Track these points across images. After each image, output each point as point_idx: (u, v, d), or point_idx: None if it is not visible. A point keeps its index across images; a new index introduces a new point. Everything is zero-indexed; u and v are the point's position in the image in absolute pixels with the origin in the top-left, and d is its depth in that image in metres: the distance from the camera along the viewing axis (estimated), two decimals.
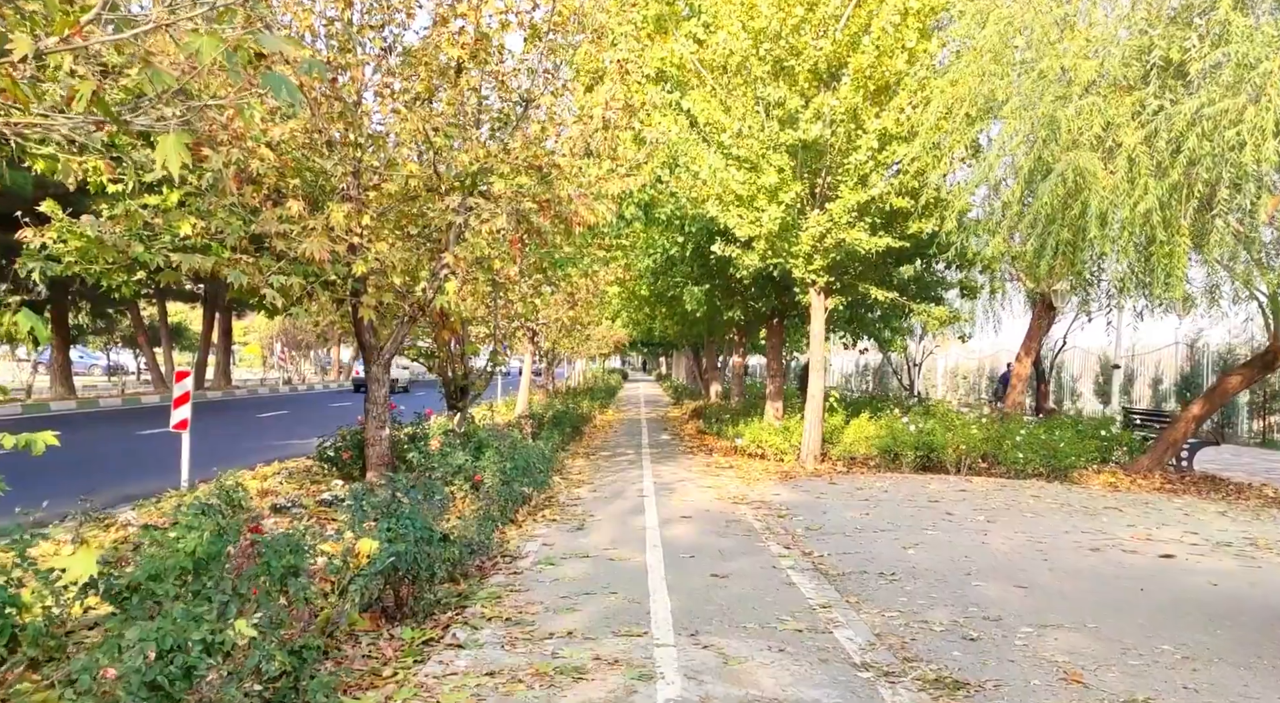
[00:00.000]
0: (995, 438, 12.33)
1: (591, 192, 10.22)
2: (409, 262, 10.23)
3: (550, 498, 10.41)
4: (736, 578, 6.61)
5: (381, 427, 10.80)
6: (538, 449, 11.45)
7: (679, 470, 13.26)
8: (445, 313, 12.48)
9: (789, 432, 14.44)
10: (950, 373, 38.42)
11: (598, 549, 7.58)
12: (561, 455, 14.72)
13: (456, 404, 13.64)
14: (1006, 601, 5.96)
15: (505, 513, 8.92)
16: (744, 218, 12.38)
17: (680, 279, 16.74)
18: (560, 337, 27.42)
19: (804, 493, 10.89)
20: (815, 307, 13.57)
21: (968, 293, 16.40)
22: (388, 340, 11.09)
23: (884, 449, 12.80)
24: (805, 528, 8.65)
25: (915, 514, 9.31)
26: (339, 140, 9.62)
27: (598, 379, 45.49)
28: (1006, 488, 11.23)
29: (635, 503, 10.07)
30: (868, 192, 11.79)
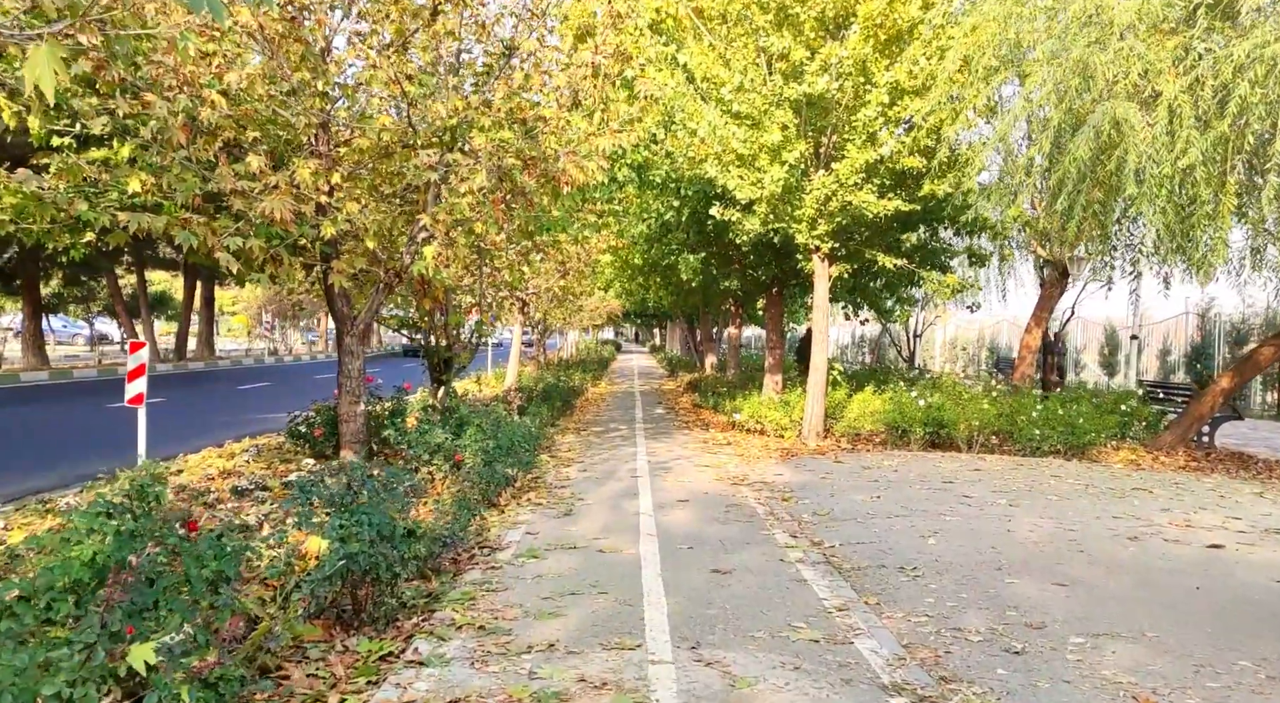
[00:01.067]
0: (1009, 414, 11.65)
1: (581, 149, 9.44)
2: (383, 224, 9.44)
3: (537, 478, 9.71)
4: (741, 574, 5.92)
5: (356, 402, 10.08)
6: (524, 427, 10.73)
7: (674, 448, 12.57)
8: (426, 280, 11.72)
9: (790, 406, 13.75)
10: (949, 344, 37.77)
11: (586, 539, 6.88)
12: (551, 431, 14.02)
13: (440, 377, 12.92)
14: (1047, 602, 5.28)
15: (487, 496, 8.22)
16: (745, 179, 11.58)
17: (676, 247, 15.95)
18: (551, 307, 26.67)
19: (808, 473, 10.21)
20: (819, 274, 12.82)
21: (976, 261, 15.63)
22: (363, 309, 10.34)
23: (891, 425, 12.11)
24: (812, 514, 7.97)
25: (930, 497, 8.63)
26: (305, 90, 8.77)
27: (590, 351, 44.79)
28: (1023, 467, 10.56)
29: (628, 485, 9.38)
30: (877, 150, 11.00)
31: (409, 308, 13.26)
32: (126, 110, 7.30)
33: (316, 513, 4.76)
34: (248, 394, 20.83)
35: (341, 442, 10.02)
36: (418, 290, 12.29)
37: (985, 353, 35.02)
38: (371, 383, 11.67)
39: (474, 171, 8.50)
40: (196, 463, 9.95)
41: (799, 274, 15.89)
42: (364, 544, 4.35)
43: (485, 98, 9.16)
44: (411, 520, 5.81)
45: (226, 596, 3.59)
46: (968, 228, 14.29)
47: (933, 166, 11.51)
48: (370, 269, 10.15)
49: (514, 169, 9.24)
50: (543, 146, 9.31)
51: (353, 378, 10.05)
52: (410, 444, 9.19)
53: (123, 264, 28.56)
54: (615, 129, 9.57)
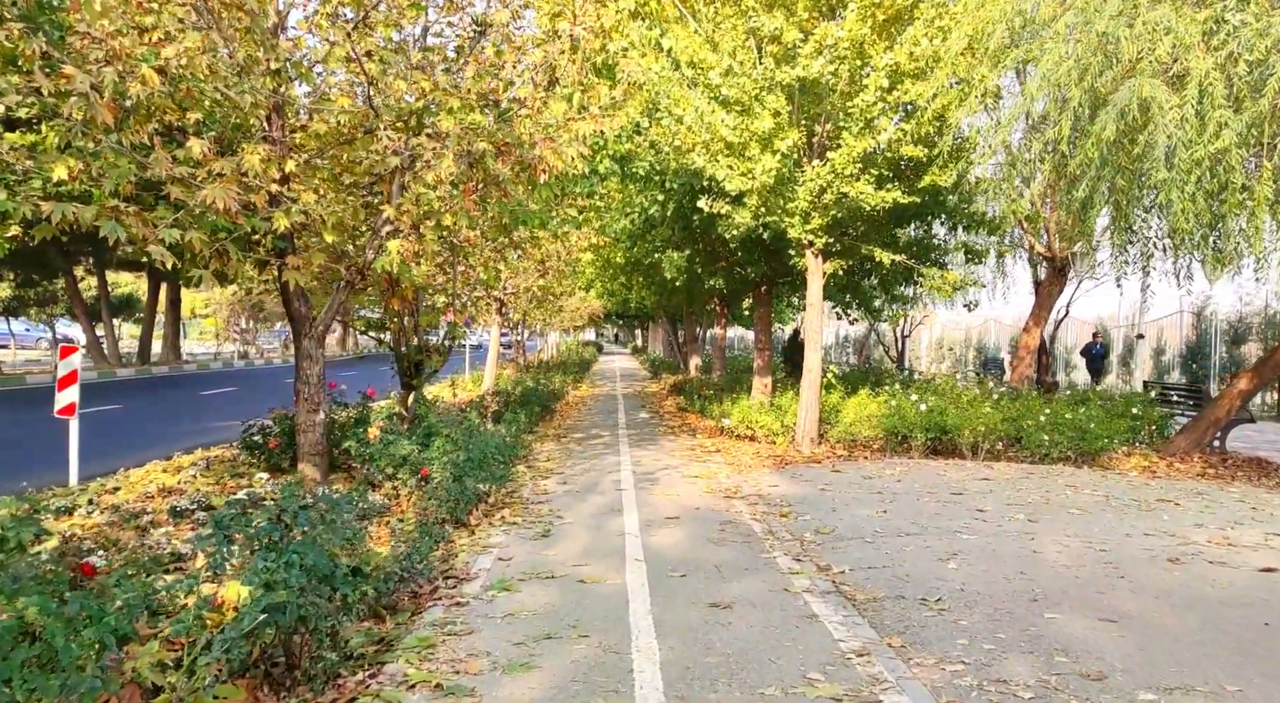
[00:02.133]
0: (1015, 418, 10.98)
1: (559, 135, 8.69)
2: (343, 216, 8.63)
3: (512, 493, 8.93)
4: (743, 609, 5.17)
5: (315, 410, 9.27)
6: (498, 436, 9.94)
7: (661, 456, 11.81)
8: (394, 279, 10.93)
9: (781, 411, 13.04)
10: (936, 345, 37.26)
11: (566, 566, 6.11)
12: (529, 438, 13.24)
13: (410, 382, 12.10)
14: (1100, 644, 4.56)
15: (455, 515, 7.44)
16: (734, 169, 10.85)
17: (660, 243, 15.19)
18: (530, 308, 25.88)
19: (805, 484, 9.48)
20: (812, 271, 12.11)
21: (973, 257, 14.98)
22: (323, 310, 9.53)
23: (890, 431, 11.41)
24: (815, 532, 7.23)
25: (940, 512, 7.92)
26: (255, 68, 7.94)
27: (571, 352, 43.99)
28: (1034, 475, 9.88)
29: (612, 499, 8.61)
30: (876, 138, 10.29)
31: (377, 308, 12.44)
32: (49, 88, 6.47)
33: (244, 549, 3.97)
34: (210, 400, 19.89)
35: (299, 454, 9.21)
36: (385, 290, 11.51)
37: (972, 353, 34.53)
38: (334, 389, 10.88)
39: (440, 156, 7.73)
40: (139, 479, 9.11)
41: (790, 272, 15.19)
42: (293, 592, 3.56)
43: (454, 79, 8.40)
44: (363, 553, 5.03)
45: (97, 669, 2.80)
46: (965, 223, 13.64)
47: (934, 156, 10.83)
48: (330, 266, 9.36)
49: (486, 155, 8.48)
50: (517, 131, 8.56)
51: (311, 384, 9.24)
52: (372, 457, 8.40)
53: (83, 264, 27.44)
54: (597, 114, 8.82)
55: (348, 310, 13.23)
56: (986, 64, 8.64)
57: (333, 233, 8.39)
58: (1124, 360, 24.17)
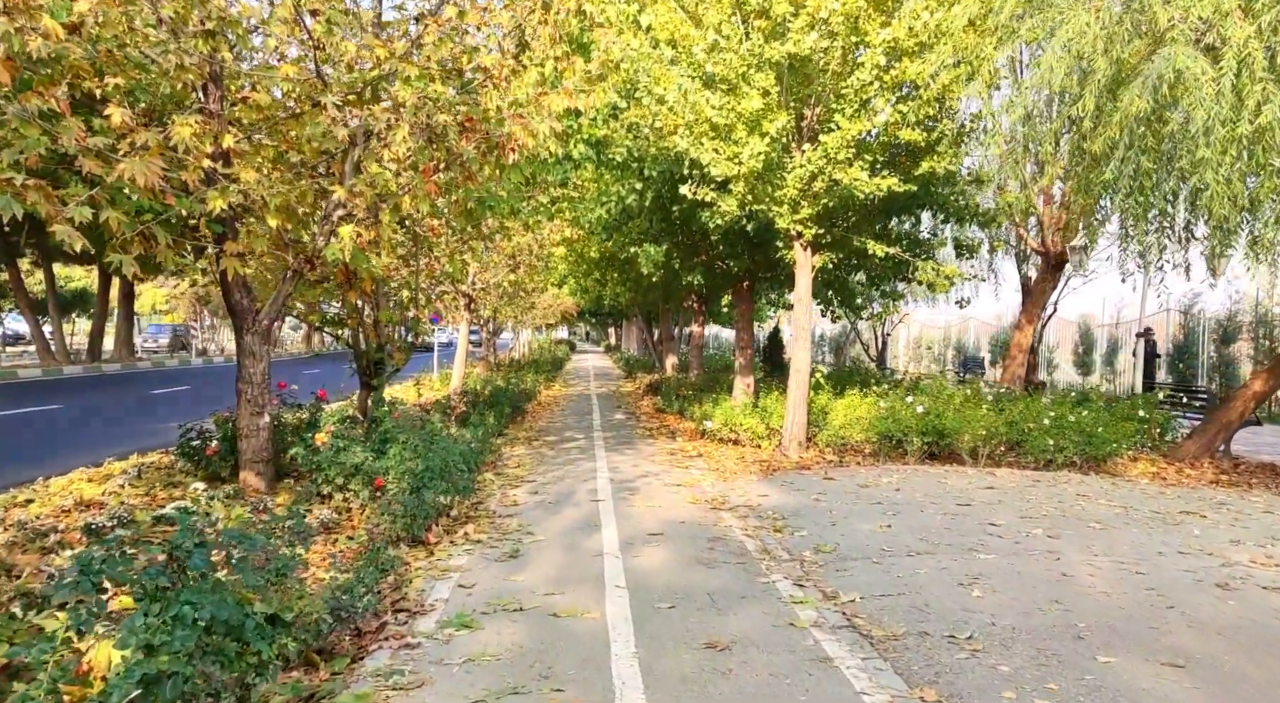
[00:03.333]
0: (1017, 421, 10.31)
1: (530, 111, 7.89)
2: (289, 198, 7.75)
3: (478, 505, 8.10)
4: (744, 650, 4.40)
5: (259, 414, 8.40)
6: (463, 442, 9.11)
7: (639, 461, 11.03)
8: (350, 270, 10.05)
9: (766, 413, 12.30)
10: (914, 344, 36.80)
11: (537, 595, 5.31)
12: (498, 442, 12.41)
13: (370, 381, 11.23)
14: (1171, 696, 3.84)
15: (412, 532, 6.60)
16: (720, 153, 10.09)
17: (637, 236, 14.38)
18: (501, 304, 24.99)
19: (797, 493, 8.74)
20: (800, 264, 11.37)
21: (964, 251, 14.35)
22: (268, 302, 8.66)
23: (883, 435, 10.70)
24: (815, 550, 6.48)
25: (949, 525, 7.20)
26: (186, 29, 7.04)
27: (544, 350, 43.11)
28: (1041, 483, 9.21)
29: (588, 512, 7.81)
30: (872, 120, 9.57)
31: (334, 302, 11.55)
32: None
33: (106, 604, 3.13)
34: (161, 399, 18.82)
35: (240, 462, 8.34)
36: (342, 282, 10.63)
37: (951, 353, 34.08)
38: (284, 390, 10.00)
39: (395, 128, 6.90)
40: (59, 489, 8.17)
41: (774, 266, 14.48)
42: (180, 659, 2.73)
43: (412, 44, 7.57)
44: (294, 588, 4.20)
45: None
46: (958, 215, 12.96)
47: (933, 141, 10.14)
48: (277, 254, 8.49)
49: (448, 130, 7.65)
50: (484, 105, 7.74)
51: (254, 384, 8.38)
52: (320, 466, 7.54)
53: (28, 257, 26.12)
54: (571, 89, 8.02)
55: (313, 305, 12.33)
56: (997, 37, 7.92)
57: (276, 216, 7.52)
58: (1108, 360, 23.72)
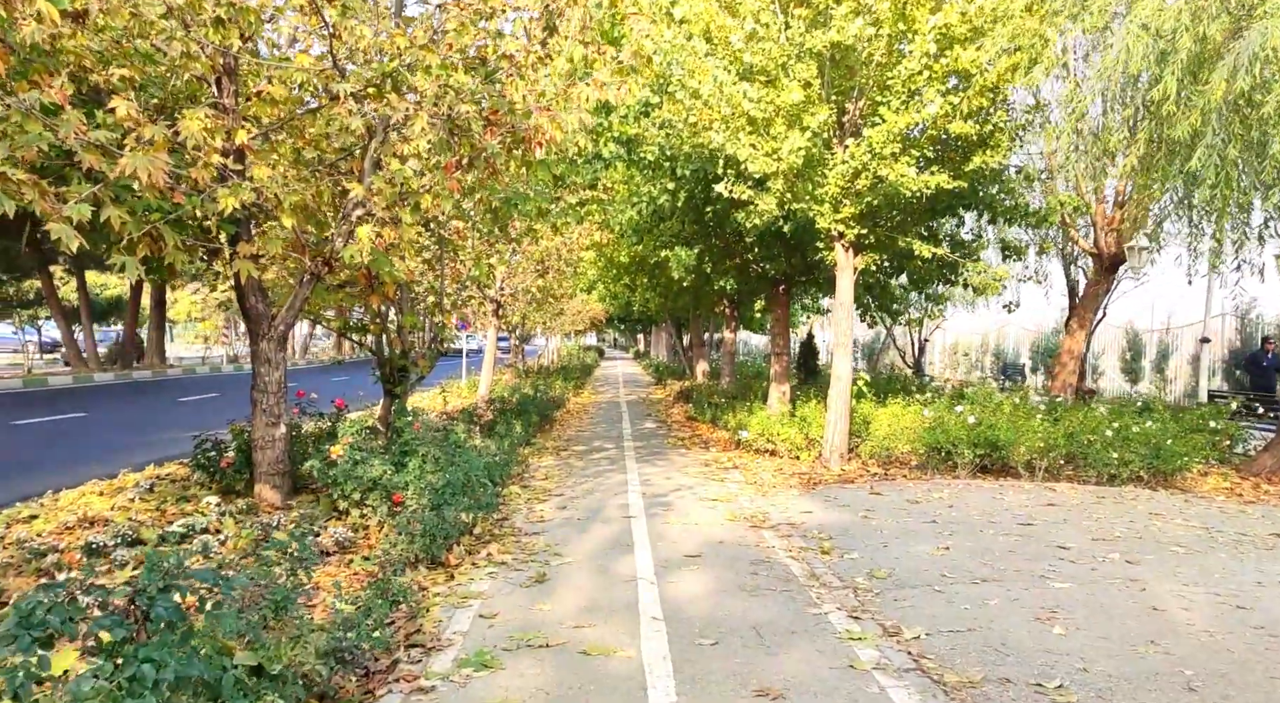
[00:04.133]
0: (1077, 433, 9.65)
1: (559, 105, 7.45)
2: (304, 196, 7.34)
3: (503, 521, 7.63)
4: (799, 699, 3.86)
5: (275, 423, 8.02)
6: (488, 454, 8.64)
7: (672, 473, 10.50)
8: (372, 274, 9.66)
9: (806, 423, 11.72)
10: (950, 350, 35.92)
11: (565, 627, 4.81)
12: (525, 451, 11.94)
13: (393, 389, 10.83)
14: None
15: (432, 552, 6.13)
16: (758, 149, 9.56)
17: (668, 238, 13.87)
18: (530, 310, 24.59)
19: (843, 510, 8.18)
20: (842, 267, 10.81)
21: (1010, 253, 13.69)
22: (284, 307, 8.28)
23: (931, 447, 10.08)
24: (868, 576, 5.92)
25: (1014, 548, 6.61)
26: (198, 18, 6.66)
27: (573, 357, 42.73)
28: (1106, 500, 8.57)
29: (619, 529, 7.30)
30: (921, 112, 9.00)
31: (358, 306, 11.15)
32: None
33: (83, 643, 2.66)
34: (188, 407, 18.60)
35: (256, 474, 7.96)
36: (364, 286, 10.24)
37: (990, 359, 33.20)
38: (303, 398, 9.61)
39: (413, 118, 6.46)
40: (68, 502, 7.81)
41: (810, 269, 13.92)
42: None
43: (433, 32, 7.14)
44: (291, 629, 3.73)
45: None
46: (1006, 215, 12.30)
47: (985, 134, 9.55)
48: (294, 256, 8.10)
49: (471, 122, 7.21)
50: (509, 96, 7.30)
51: (270, 393, 7.99)
52: (336, 480, 7.09)
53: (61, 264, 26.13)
54: (602, 80, 7.55)
55: (339, 310, 11.97)
56: (1063, 16, 7.33)
57: (292, 216, 7.11)
58: (1158, 367, 22.81)
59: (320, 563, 6.11)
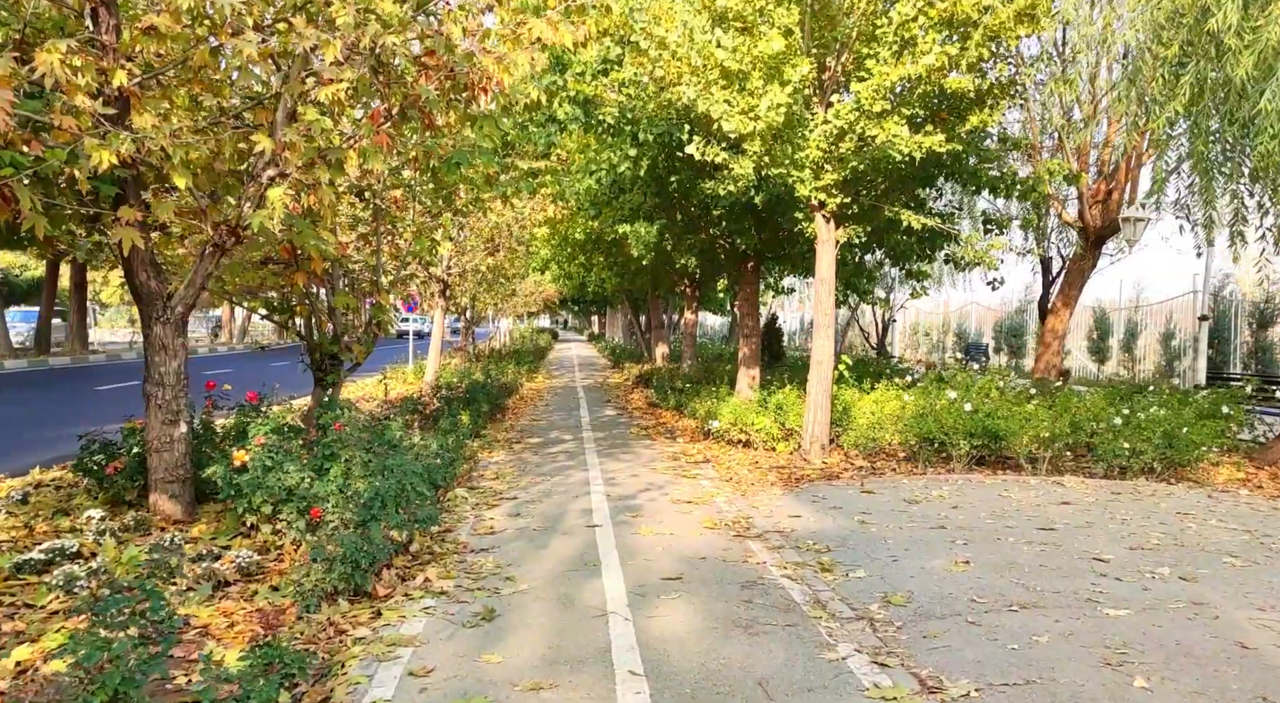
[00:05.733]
0: (1083, 421, 8.80)
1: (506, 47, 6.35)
2: (201, 153, 6.11)
3: (445, 534, 6.52)
4: None
5: (173, 422, 6.83)
6: (427, 454, 7.50)
7: (639, 469, 9.46)
8: (296, 248, 8.45)
9: (782, 411, 10.76)
10: (911, 330, 35.43)
11: (518, 690, 3.74)
12: (475, 445, 10.80)
13: (325, 379, 9.62)
14: None
15: (356, 581, 5.01)
16: (733, 105, 8.50)
17: (628, 213, 12.77)
18: (480, 290, 23.33)
19: (835, 513, 7.22)
20: (823, 239, 9.82)
21: (994, 226, 12.84)
22: (183, 284, 7.04)
23: (924, 437, 9.17)
24: (883, 602, 4.94)
25: (1043, 560, 5.70)
26: None
27: (525, 340, 41.47)
28: (1123, 496, 7.74)
29: (583, 543, 6.24)
30: (917, 63, 8.00)
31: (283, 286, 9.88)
32: None
33: None
34: (105, 397, 17.07)
35: (151, 482, 6.76)
36: (288, 261, 9.02)
37: (951, 339, 32.73)
38: (214, 390, 8.37)
39: (326, 48, 5.29)
40: None
41: (783, 244, 12.93)
42: None
43: None
44: None
45: None
46: (991, 185, 11.40)
47: (984, 91, 8.62)
48: (182, 222, 6.87)
49: (399, 58, 6.05)
50: (446, 33, 6.17)
51: (167, 386, 6.79)
52: (241, 490, 5.92)
53: None
54: (555, 18, 6.45)
55: (255, 289, 10.67)
56: None
57: (185, 175, 5.92)
58: (1126, 346, 22.36)
59: (216, 596, 4.97)
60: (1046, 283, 17.31)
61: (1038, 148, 13.47)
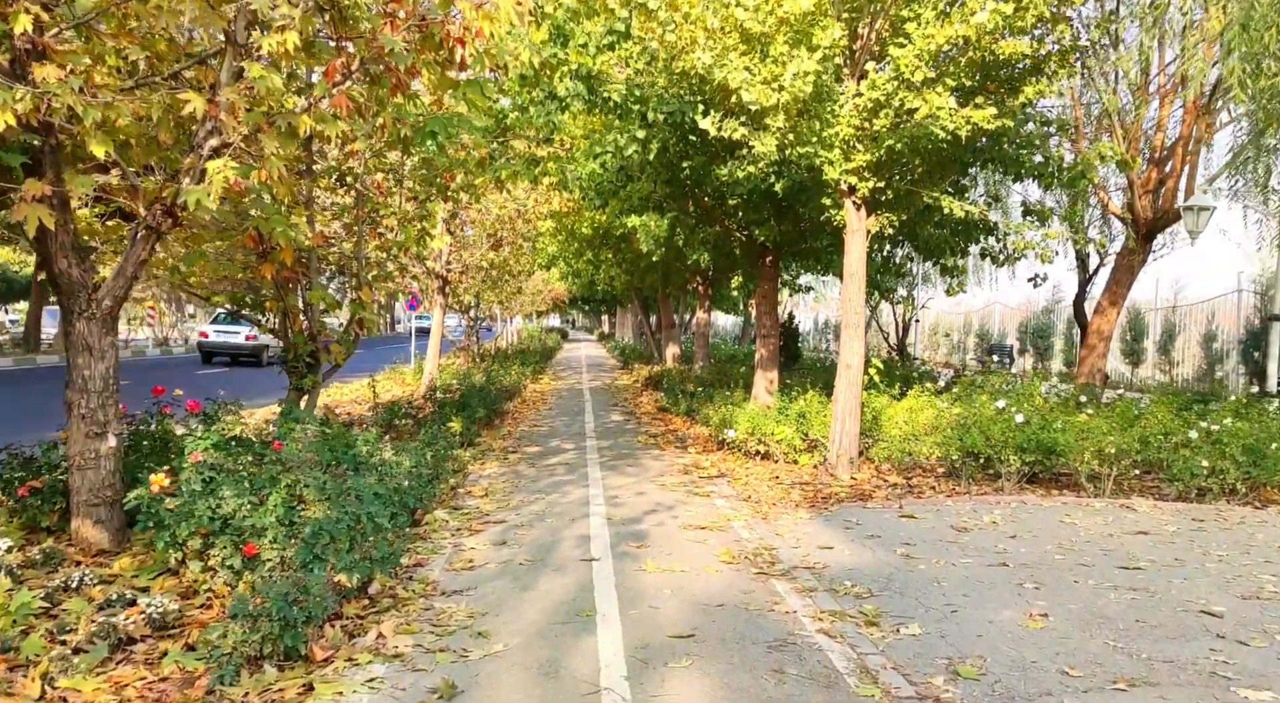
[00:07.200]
0: (1153, 435, 7.73)
1: None
2: (125, 116, 5.12)
3: (415, 569, 5.51)
4: None
5: (99, 435, 5.87)
6: (399, 473, 6.48)
7: (645, 485, 8.44)
8: (263, 236, 7.48)
9: (804, 420, 9.71)
10: (930, 331, 34.26)
11: None
12: (466, 455, 9.81)
13: (301, 382, 8.66)
14: None
15: (286, 640, 4.00)
16: (754, 73, 7.47)
17: (636, 203, 11.73)
18: (483, 288, 22.37)
19: (873, 543, 6.18)
20: (853, 228, 8.78)
21: (1035, 217, 11.74)
22: (111, 274, 6.06)
23: (967, 451, 8.10)
24: (949, 672, 3.91)
25: (1138, 613, 4.65)
26: None
27: (533, 339, 40.48)
28: (1207, 523, 6.68)
29: (577, 584, 5.22)
30: (968, 23, 6.94)
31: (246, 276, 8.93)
32: None
33: None
34: None
35: (73, 505, 5.79)
36: (254, 251, 8.08)
37: (973, 340, 31.57)
38: (161, 395, 7.36)
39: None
40: None
41: (805, 236, 11.90)
42: None
43: None
44: None
45: None
46: (1035, 173, 10.32)
47: (1041, 58, 7.57)
48: (112, 199, 5.90)
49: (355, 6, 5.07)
50: None
51: (92, 393, 5.82)
52: (163, 520, 4.93)
53: None
54: None
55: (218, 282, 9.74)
56: None
57: (103, 142, 4.94)
58: (1163, 348, 21.19)
59: (113, 660, 3.98)
60: (1083, 280, 16.21)
61: (1080, 131, 12.39)
